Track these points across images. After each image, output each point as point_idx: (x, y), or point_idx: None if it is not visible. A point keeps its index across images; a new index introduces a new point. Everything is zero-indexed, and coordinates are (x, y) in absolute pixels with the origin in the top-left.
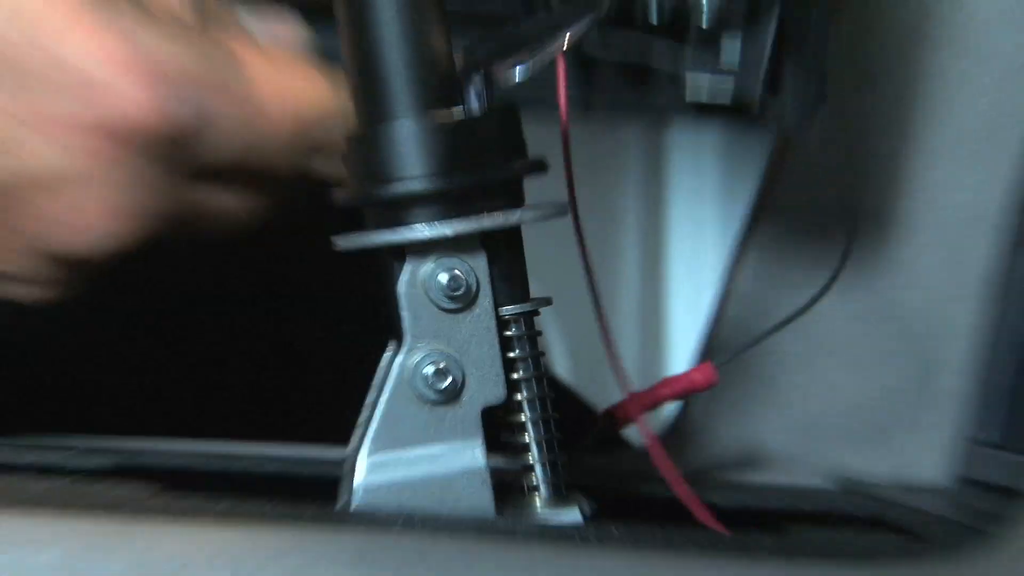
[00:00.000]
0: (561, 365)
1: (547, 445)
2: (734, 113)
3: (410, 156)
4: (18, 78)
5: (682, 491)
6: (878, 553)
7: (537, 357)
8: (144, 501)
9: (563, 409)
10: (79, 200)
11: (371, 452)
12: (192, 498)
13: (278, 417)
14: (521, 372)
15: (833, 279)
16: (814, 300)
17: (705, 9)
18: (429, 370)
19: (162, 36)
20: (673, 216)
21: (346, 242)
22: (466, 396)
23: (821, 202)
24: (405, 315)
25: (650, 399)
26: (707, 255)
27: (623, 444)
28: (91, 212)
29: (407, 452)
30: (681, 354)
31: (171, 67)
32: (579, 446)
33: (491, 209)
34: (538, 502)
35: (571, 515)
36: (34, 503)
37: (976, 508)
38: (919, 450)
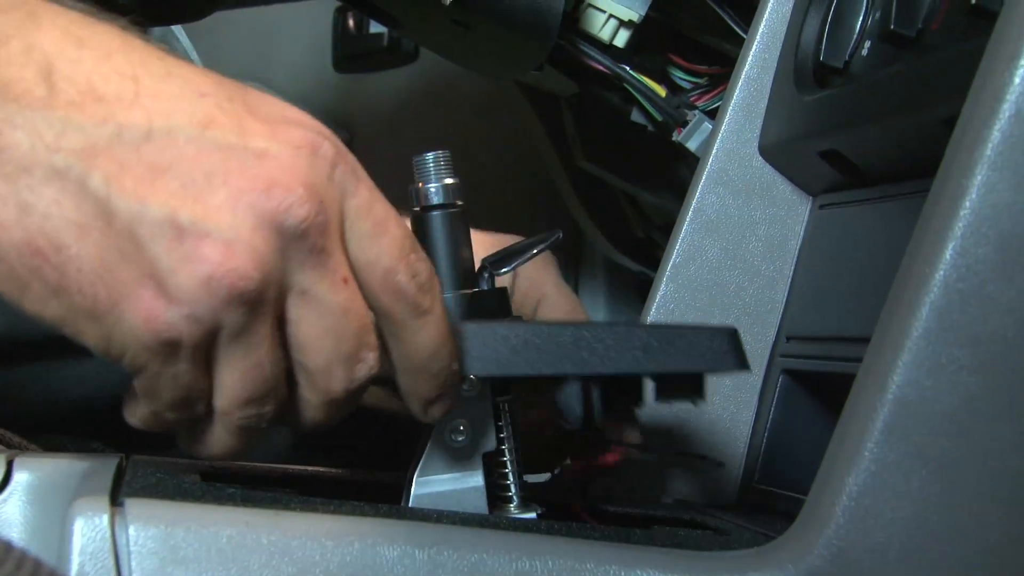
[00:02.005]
0: None
1: (517, 474)
2: None
3: (449, 312)
4: None
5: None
6: (704, 542)
7: (512, 424)
8: (290, 498)
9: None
10: None
11: (419, 475)
12: (315, 499)
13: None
14: (504, 433)
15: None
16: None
17: None
18: (454, 430)
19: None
20: None
21: None
22: (473, 445)
23: None
24: None
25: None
26: None
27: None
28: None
29: (440, 476)
30: None
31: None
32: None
33: None
34: (511, 507)
35: (530, 514)
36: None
37: (760, 521)
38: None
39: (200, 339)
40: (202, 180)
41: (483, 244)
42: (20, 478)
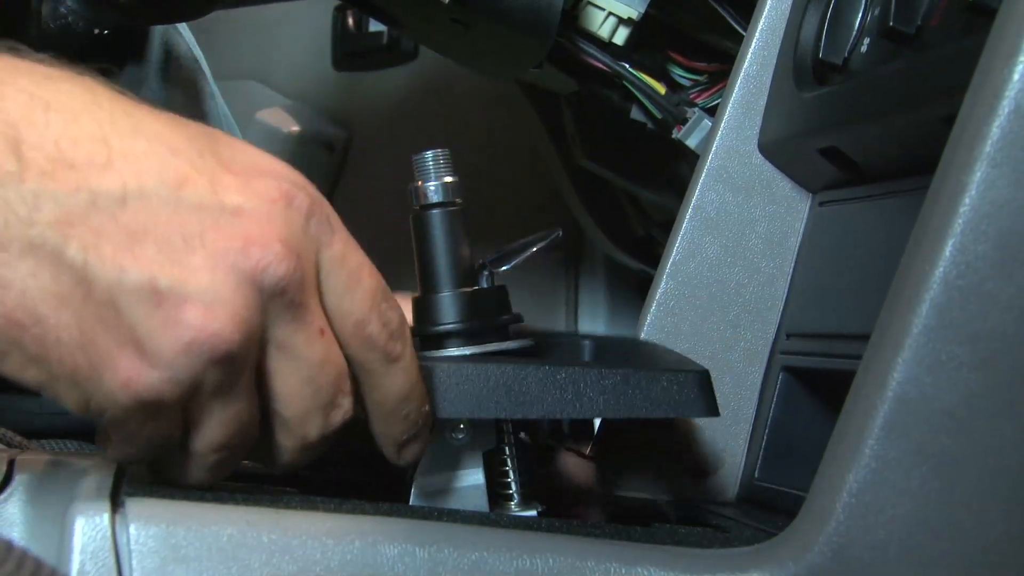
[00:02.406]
0: None
1: (517, 472)
2: None
3: (448, 310)
4: None
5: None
6: (704, 540)
7: (512, 424)
8: (291, 497)
9: None
10: None
11: (420, 473)
12: (316, 498)
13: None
14: (504, 431)
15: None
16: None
17: None
18: (454, 428)
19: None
20: None
21: None
22: (474, 444)
23: None
24: None
25: None
26: None
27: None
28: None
29: (440, 474)
30: None
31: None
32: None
33: (491, 340)
34: (512, 504)
35: (530, 512)
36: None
37: (760, 518)
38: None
39: (180, 398)
40: (179, 242)
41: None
42: (21, 478)
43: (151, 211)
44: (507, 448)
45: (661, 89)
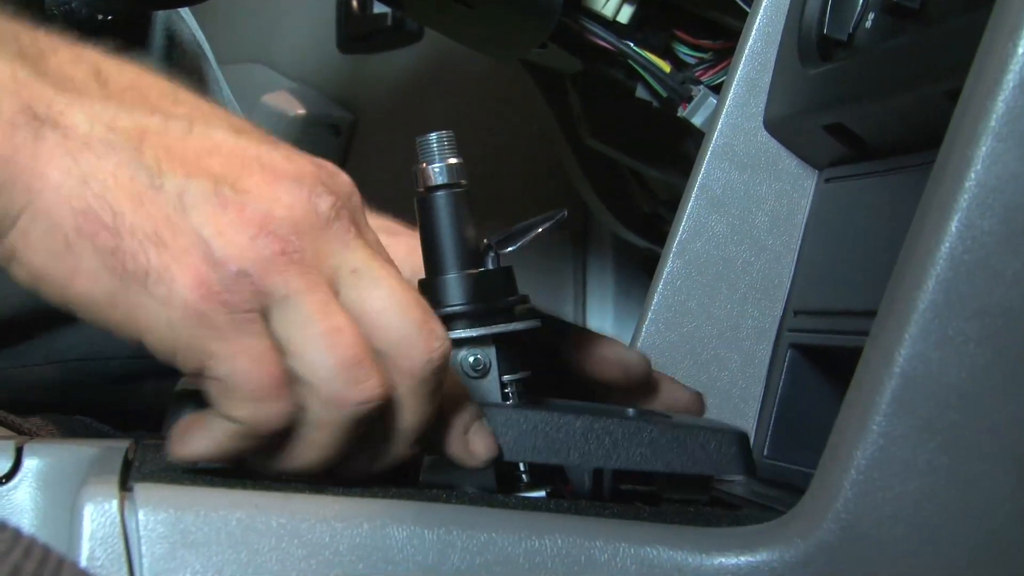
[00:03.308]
0: None
1: None
2: None
3: (454, 292)
4: None
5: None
6: (713, 518)
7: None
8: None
9: None
10: None
11: (429, 455)
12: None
13: None
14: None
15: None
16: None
17: None
18: None
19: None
20: None
21: None
22: None
23: None
24: None
25: None
26: None
27: None
28: None
29: None
30: None
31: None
32: None
33: (497, 322)
34: (520, 485)
35: (539, 493)
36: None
37: (769, 496)
38: None
39: (251, 299)
40: (239, 166)
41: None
42: (30, 464)
43: (214, 142)
44: None
45: (666, 67)
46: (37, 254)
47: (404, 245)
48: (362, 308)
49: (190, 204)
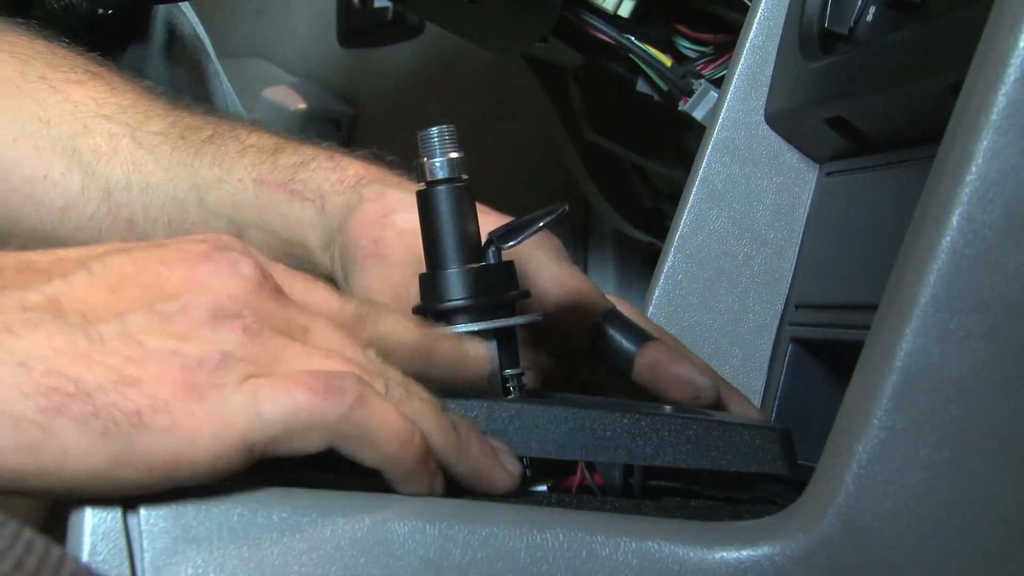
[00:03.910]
0: None
1: None
2: None
3: (455, 287)
4: None
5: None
6: (714, 513)
7: (521, 399)
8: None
9: None
10: None
11: None
12: (326, 476)
13: None
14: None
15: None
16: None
17: None
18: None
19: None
20: None
21: None
22: None
23: None
24: None
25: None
26: None
27: None
28: None
29: None
30: None
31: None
32: None
33: (498, 316)
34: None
35: (541, 487)
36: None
37: (770, 490)
38: None
39: (247, 370)
40: (154, 278)
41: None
42: None
43: (115, 269)
44: None
45: (667, 61)
46: (9, 456)
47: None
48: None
49: (139, 335)
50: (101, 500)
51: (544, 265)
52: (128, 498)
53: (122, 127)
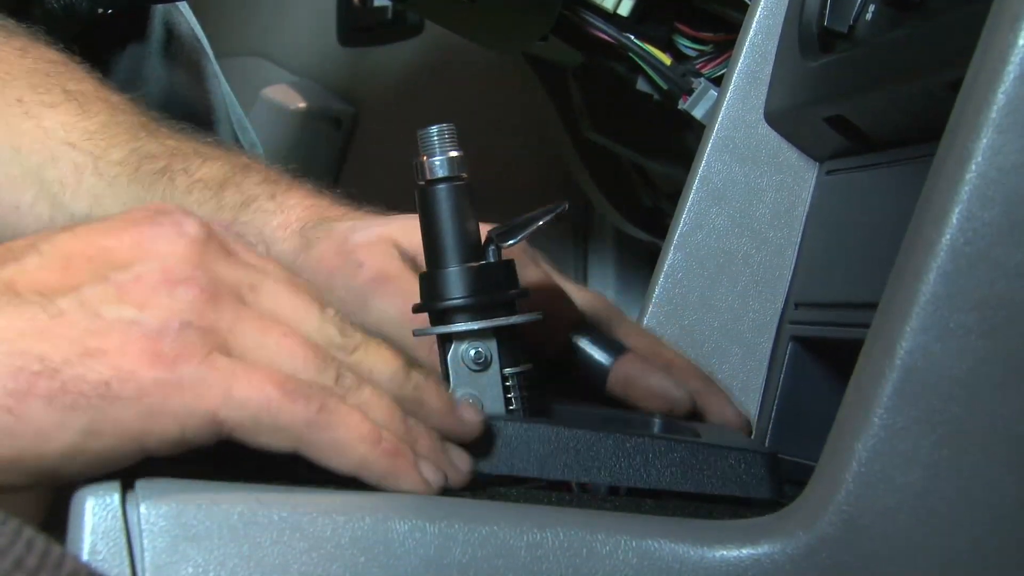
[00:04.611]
0: None
1: None
2: None
3: (455, 286)
4: None
5: None
6: (715, 511)
7: (522, 398)
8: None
9: None
10: None
11: None
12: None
13: None
14: (513, 405)
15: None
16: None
17: None
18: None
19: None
20: None
21: (420, 333)
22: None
23: None
24: (451, 373)
25: None
26: None
27: None
28: None
29: None
30: None
31: None
32: None
33: (497, 315)
34: None
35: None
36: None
37: None
38: None
39: (206, 341)
40: (102, 252)
41: None
42: None
43: (63, 248)
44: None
45: (667, 60)
46: None
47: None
48: (277, 315)
49: (96, 306)
50: (101, 496)
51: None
52: (128, 496)
53: (86, 156)
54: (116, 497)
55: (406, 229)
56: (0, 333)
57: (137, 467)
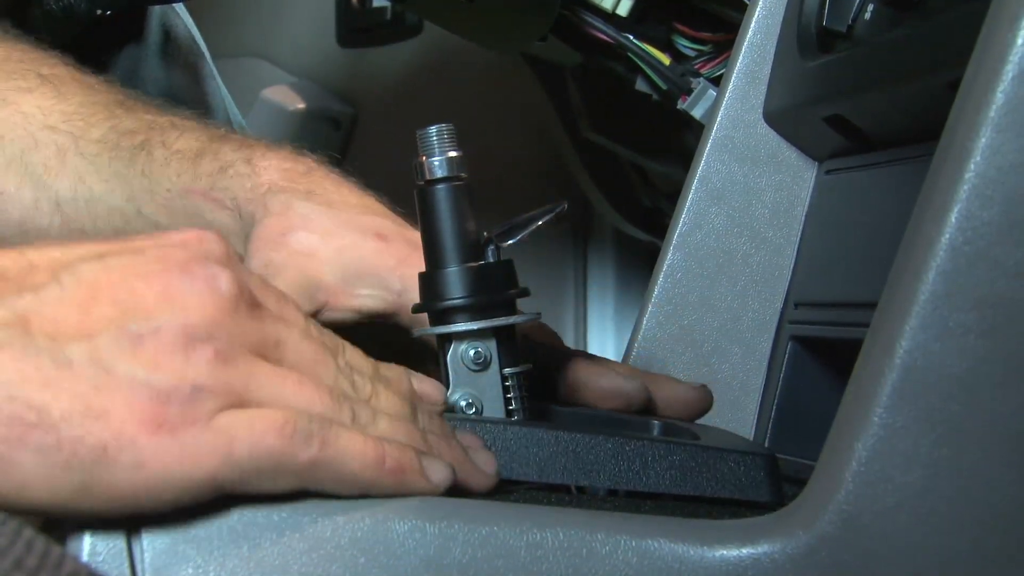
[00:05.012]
0: None
1: None
2: None
3: (455, 286)
4: None
5: None
6: (714, 510)
7: (522, 398)
8: None
9: None
10: None
11: None
12: None
13: None
14: (513, 405)
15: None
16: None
17: None
18: (462, 404)
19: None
20: None
21: (419, 332)
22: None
23: None
24: (450, 373)
25: None
26: None
27: None
28: None
29: None
30: None
31: None
32: None
33: (497, 315)
34: None
35: None
36: None
37: None
38: None
39: (219, 402)
40: (127, 293)
41: None
42: None
43: (88, 281)
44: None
45: (666, 60)
46: None
47: (334, 245)
48: (297, 367)
49: (108, 361)
50: None
51: None
52: None
53: (67, 138)
54: None
55: (342, 247)
56: (3, 375)
57: None
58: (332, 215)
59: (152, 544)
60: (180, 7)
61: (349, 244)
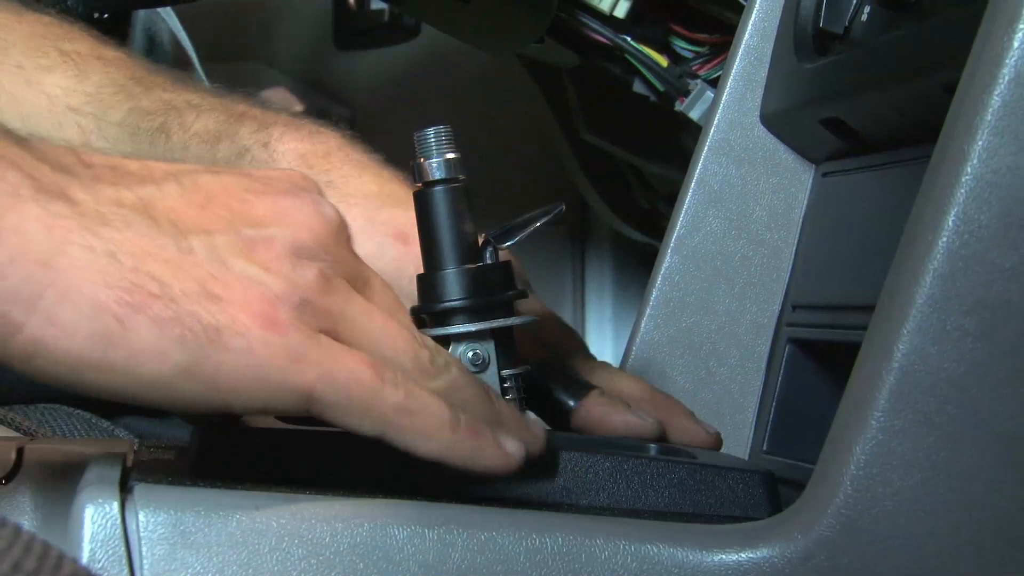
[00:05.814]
0: None
1: None
2: None
3: (453, 287)
4: None
5: None
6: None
7: (520, 400)
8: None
9: None
10: None
11: None
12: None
13: None
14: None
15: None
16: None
17: None
18: None
19: None
20: None
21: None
22: None
23: None
24: None
25: None
26: None
27: None
28: None
29: None
30: None
31: None
32: None
33: (495, 317)
34: None
35: None
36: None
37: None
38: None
39: (320, 322)
40: (241, 203)
41: None
42: (30, 466)
43: (204, 188)
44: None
45: (663, 61)
46: (77, 341)
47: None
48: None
49: (224, 255)
50: (100, 504)
51: None
52: (127, 503)
53: (89, 119)
54: (115, 505)
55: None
56: (128, 246)
57: (137, 469)
58: (349, 218)
59: (151, 550)
60: (167, 12)
61: (366, 254)
